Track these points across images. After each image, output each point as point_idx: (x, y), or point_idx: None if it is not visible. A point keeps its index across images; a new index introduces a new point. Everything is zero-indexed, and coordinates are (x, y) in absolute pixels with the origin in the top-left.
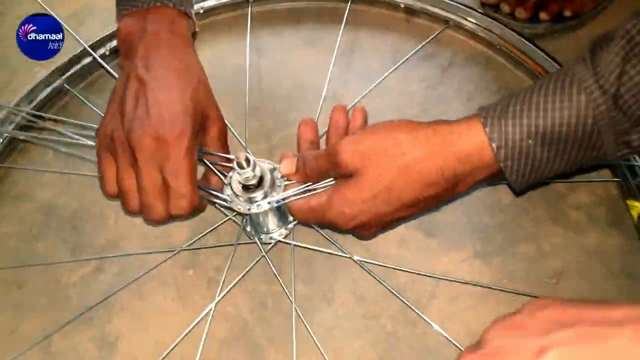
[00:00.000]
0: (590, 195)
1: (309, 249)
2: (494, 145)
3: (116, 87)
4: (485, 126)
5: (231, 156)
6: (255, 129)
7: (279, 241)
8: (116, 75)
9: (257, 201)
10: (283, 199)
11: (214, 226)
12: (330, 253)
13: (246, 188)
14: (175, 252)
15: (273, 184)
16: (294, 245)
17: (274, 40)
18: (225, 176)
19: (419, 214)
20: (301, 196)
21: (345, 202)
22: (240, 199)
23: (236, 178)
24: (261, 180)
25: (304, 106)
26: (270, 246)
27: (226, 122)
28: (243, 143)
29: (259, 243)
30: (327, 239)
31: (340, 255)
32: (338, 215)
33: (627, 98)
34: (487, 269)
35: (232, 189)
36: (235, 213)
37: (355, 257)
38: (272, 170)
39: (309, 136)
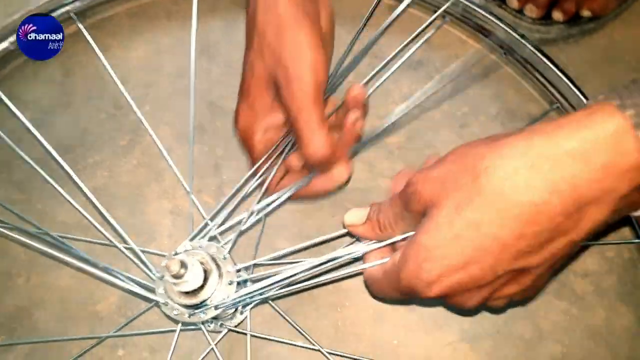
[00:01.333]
0: (600, 259)
1: (269, 339)
2: None
3: None
4: (622, 108)
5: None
6: (202, 157)
7: (231, 330)
8: None
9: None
10: (239, 298)
11: (143, 310)
12: (294, 345)
13: (186, 293)
14: (101, 339)
15: (221, 275)
16: (250, 335)
17: (227, 34)
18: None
19: (547, 273)
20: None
21: (421, 252)
22: (177, 303)
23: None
24: (205, 279)
25: None
26: (220, 335)
27: (161, 147)
28: (184, 183)
29: (205, 332)
30: (292, 324)
31: (308, 348)
32: (416, 275)
33: None
34: (475, 355)
35: (164, 289)
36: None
37: (324, 350)
38: (221, 260)
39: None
